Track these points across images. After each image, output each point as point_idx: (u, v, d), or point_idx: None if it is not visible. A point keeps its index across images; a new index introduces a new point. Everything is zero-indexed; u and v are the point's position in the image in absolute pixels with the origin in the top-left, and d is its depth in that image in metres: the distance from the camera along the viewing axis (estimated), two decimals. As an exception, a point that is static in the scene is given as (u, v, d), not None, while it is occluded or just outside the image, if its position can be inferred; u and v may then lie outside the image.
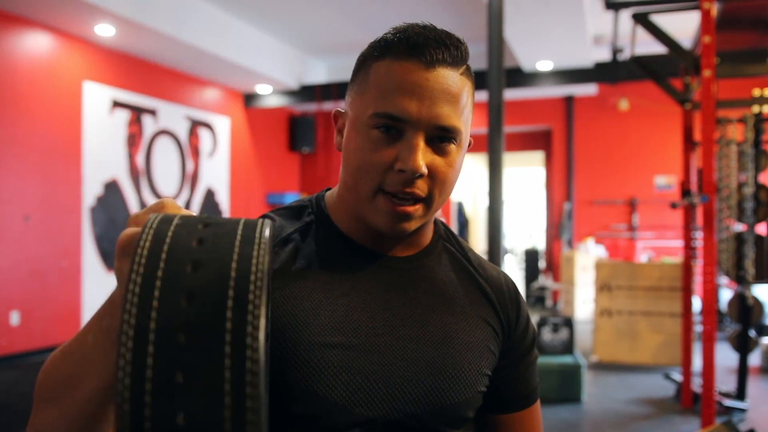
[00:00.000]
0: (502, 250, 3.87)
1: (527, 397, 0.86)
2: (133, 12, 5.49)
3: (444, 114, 0.70)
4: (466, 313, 0.80)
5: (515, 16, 5.61)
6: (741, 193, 4.08)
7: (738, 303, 4.12)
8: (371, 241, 0.79)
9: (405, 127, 0.70)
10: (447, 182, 0.73)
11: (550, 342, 4.56)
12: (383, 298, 0.76)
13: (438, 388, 0.75)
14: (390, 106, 0.70)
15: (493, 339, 0.82)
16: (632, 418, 4.07)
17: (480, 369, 0.78)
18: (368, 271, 0.78)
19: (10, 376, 4.98)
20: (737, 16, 4.23)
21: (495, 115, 3.75)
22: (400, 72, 0.70)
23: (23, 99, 5.52)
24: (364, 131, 0.72)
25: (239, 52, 7.00)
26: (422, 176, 0.71)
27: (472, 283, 0.84)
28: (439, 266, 0.82)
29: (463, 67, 0.73)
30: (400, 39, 0.71)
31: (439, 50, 0.70)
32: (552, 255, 9.56)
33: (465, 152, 0.77)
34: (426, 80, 0.70)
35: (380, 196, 0.72)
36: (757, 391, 4.70)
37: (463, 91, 0.73)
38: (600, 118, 8.90)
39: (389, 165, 0.71)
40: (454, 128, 0.71)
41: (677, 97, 4.58)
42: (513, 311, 0.85)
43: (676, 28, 5.12)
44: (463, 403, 0.76)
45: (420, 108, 0.70)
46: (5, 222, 5.37)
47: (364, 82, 0.74)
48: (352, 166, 0.74)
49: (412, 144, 0.70)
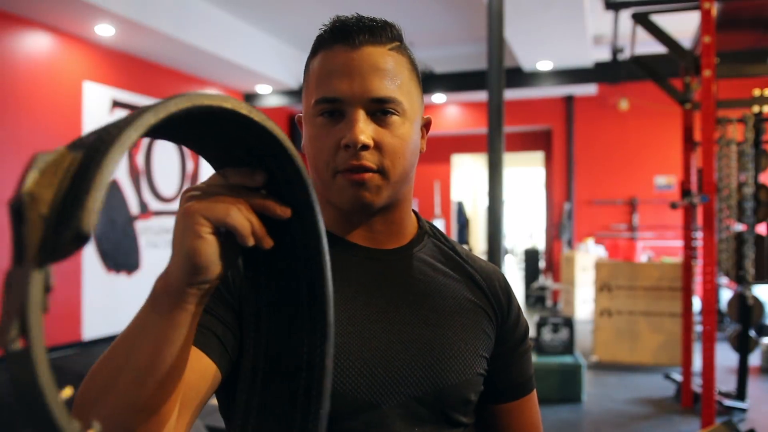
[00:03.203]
0: (502, 250, 3.87)
1: (523, 385, 0.87)
2: (133, 12, 5.48)
3: (375, 87, 0.73)
4: (458, 297, 0.82)
5: (515, 16, 5.61)
6: (741, 193, 4.08)
7: (738, 303, 4.12)
8: (357, 237, 0.81)
9: (344, 107, 0.74)
10: (397, 153, 0.75)
11: (550, 342, 4.56)
12: (375, 287, 0.78)
13: (437, 369, 0.75)
14: (326, 90, 0.74)
15: (487, 322, 0.83)
16: (632, 418, 4.07)
17: (477, 350, 0.79)
18: (357, 263, 0.79)
19: (10, 376, 4.98)
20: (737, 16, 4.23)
21: (495, 115, 3.75)
22: (330, 59, 0.75)
23: (23, 99, 5.52)
24: (312, 121, 0.76)
25: (239, 52, 7.00)
26: (367, 147, 0.73)
27: (461, 271, 0.85)
28: (426, 257, 0.84)
29: (392, 45, 0.77)
30: (327, 32, 0.77)
31: (362, 33, 0.75)
32: (552, 255, 9.56)
33: (417, 126, 0.79)
34: (352, 59, 0.74)
35: (338, 176, 0.75)
36: (757, 391, 4.70)
37: (394, 66, 0.76)
38: (600, 118, 8.90)
39: (337, 144, 0.74)
40: (390, 98, 0.74)
41: (677, 97, 4.58)
42: (504, 299, 0.86)
43: (676, 28, 5.12)
44: (463, 384, 0.77)
45: (352, 85, 0.73)
46: (5, 222, 5.37)
47: (306, 80, 0.79)
48: (310, 156, 0.77)
49: (351, 119, 0.73)
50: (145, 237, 6.86)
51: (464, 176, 13.11)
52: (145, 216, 6.86)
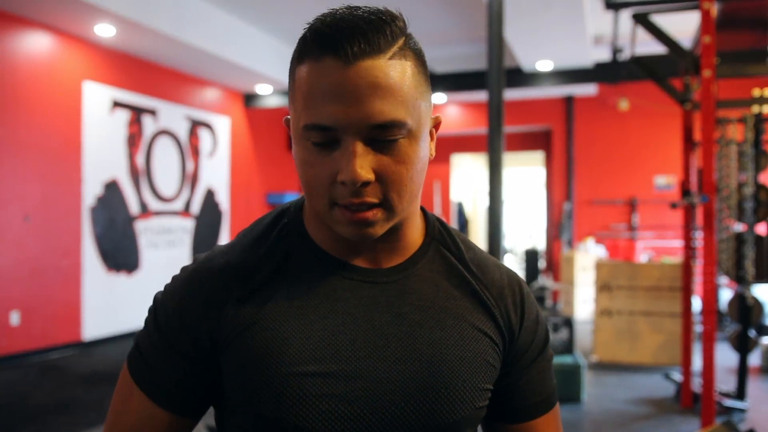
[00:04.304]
0: (502, 250, 3.87)
1: (542, 403, 0.79)
2: (133, 12, 5.48)
3: (376, 111, 0.62)
4: (459, 326, 0.73)
5: (515, 16, 5.61)
6: (741, 193, 4.08)
7: (738, 303, 4.12)
8: (350, 254, 0.73)
9: (338, 135, 0.63)
10: (403, 182, 0.66)
11: (550, 342, 4.56)
12: (365, 318, 0.70)
13: (429, 410, 0.69)
14: (316, 116, 0.63)
15: (491, 351, 0.75)
16: (632, 418, 4.07)
17: (477, 384, 0.72)
18: (348, 288, 0.71)
19: (10, 376, 4.98)
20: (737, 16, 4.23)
21: (495, 115, 3.75)
22: (318, 75, 0.63)
23: (23, 99, 5.52)
24: (302, 144, 0.66)
25: (239, 52, 7.00)
26: (367, 183, 0.64)
27: (467, 290, 0.76)
28: (428, 274, 0.75)
29: (393, 50, 0.64)
30: (314, 36, 0.65)
31: (355, 41, 0.62)
32: (552, 255, 9.56)
33: (425, 138, 0.69)
34: (347, 79, 0.62)
35: (336, 209, 0.66)
36: (757, 391, 4.70)
37: (398, 78, 0.64)
38: (600, 118, 8.90)
39: (333, 178, 0.65)
40: (394, 122, 0.63)
41: (677, 97, 4.58)
42: (516, 315, 0.78)
43: (676, 28, 5.12)
44: (459, 422, 0.71)
45: (347, 112, 0.62)
46: (5, 222, 5.37)
47: (291, 89, 0.68)
48: (302, 180, 0.68)
49: (348, 152, 0.63)
50: (145, 237, 6.86)
51: (464, 176, 13.11)
52: (145, 216, 6.86)
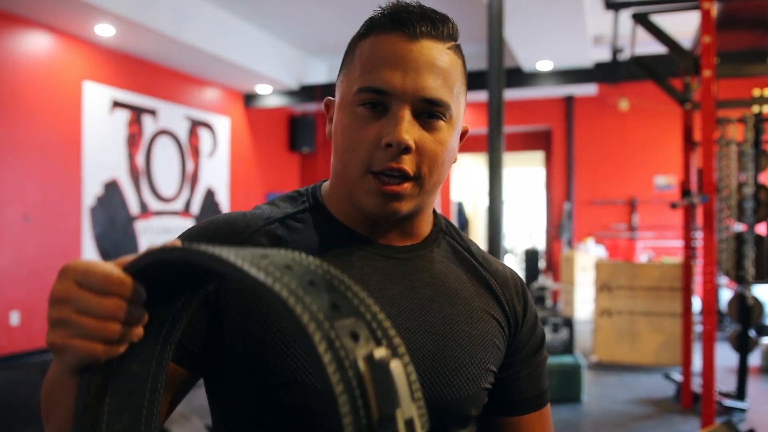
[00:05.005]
0: (502, 250, 3.87)
1: (536, 399, 0.81)
2: (133, 12, 5.48)
3: (429, 86, 0.68)
4: (468, 305, 0.76)
5: (515, 16, 5.61)
6: (741, 193, 4.08)
7: (738, 303, 4.12)
8: (367, 229, 0.75)
9: (390, 101, 0.68)
10: (437, 160, 0.70)
11: (550, 342, 4.56)
12: (378, 287, 0.72)
13: (438, 383, 0.70)
14: (374, 79, 0.68)
15: (498, 333, 0.77)
16: (632, 418, 4.07)
17: (484, 364, 0.74)
18: (363, 258, 0.73)
19: (10, 376, 4.98)
20: (737, 16, 4.23)
21: (495, 115, 3.75)
22: (384, 45, 0.69)
23: (23, 99, 5.52)
24: (350, 110, 0.70)
25: (239, 52, 7.00)
26: (409, 150, 0.67)
27: (475, 275, 0.79)
28: (439, 257, 0.78)
29: (450, 43, 0.71)
30: (384, 15, 0.70)
31: (424, 23, 0.69)
32: (552, 255, 9.56)
33: (458, 134, 0.74)
34: (410, 51, 0.68)
35: (369, 177, 0.69)
36: (757, 391, 4.70)
37: (451, 66, 0.70)
38: (600, 118, 8.90)
39: (376, 141, 0.68)
40: (442, 101, 0.69)
41: (677, 97, 4.58)
42: (520, 306, 0.80)
43: (676, 28, 5.12)
44: (465, 399, 0.72)
45: (404, 79, 0.67)
46: (5, 222, 5.37)
47: (350, 62, 0.72)
48: (340, 147, 0.71)
49: (398, 116, 0.67)
50: (145, 237, 6.86)
51: (464, 176, 13.11)
52: (145, 216, 6.86)
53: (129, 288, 0.47)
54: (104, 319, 0.47)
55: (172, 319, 0.54)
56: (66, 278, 0.48)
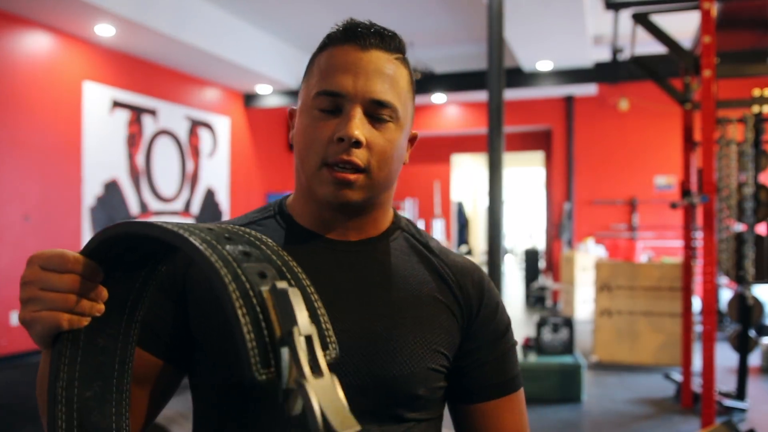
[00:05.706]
0: (502, 250, 3.87)
1: (503, 384, 0.83)
2: (133, 12, 5.48)
3: (378, 89, 0.76)
4: (416, 290, 0.80)
5: (515, 16, 5.61)
6: (741, 193, 4.08)
7: (738, 303, 4.12)
8: (324, 228, 0.81)
9: (343, 102, 0.75)
10: (385, 156, 0.77)
11: (550, 342, 4.56)
12: (327, 274, 0.78)
13: (379, 359, 0.74)
14: (329, 84, 0.76)
15: (447, 318, 0.80)
16: (632, 418, 4.07)
17: (430, 345, 0.77)
18: (317, 252, 0.80)
19: (10, 376, 4.98)
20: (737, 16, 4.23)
21: (495, 115, 3.75)
22: (338, 55, 0.77)
23: (23, 99, 5.52)
24: (309, 113, 0.78)
25: (239, 52, 7.00)
26: (359, 144, 0.74)
27: (428, 266, 0.83)
28: (393, 250, 0.83)
29: (397, 55, 0.79)
30: (339, 30, 0.80)
31: (373, 37, 0.78)
32: (552, 255, 9.56)
33: (406, 136, 0.81)
34: (360, 59, 0.76)
35: (324, 169, 0.76)
36: (757, 391, 4.70)
37: (397, 74, 0.78)
38: (600, 118, 8.90)
39: (331, 138, 0.75)
40: (389, 103, 0.76)
41: (677, 97, 4.58)
42: (476, 294, 0.83)
43: (676, 28, 5.12)
44: (410, 377, 0.75)
45: (355, 83, 0.75)
46: (5, 222, 5.37)
47: (310, 73, 0.81)
48: (300, 146, 0.78)
49: (350, 115, 0.75)
50: (145, 237, 6.86)
51: (464, 176, 13.11)
52: (145, 216, 6.86)
53: (82, 264, 0.58)
54: (64, 292, 0.57)
55: (133, 297, 0.62)
56: (32, 264, 0.59)
